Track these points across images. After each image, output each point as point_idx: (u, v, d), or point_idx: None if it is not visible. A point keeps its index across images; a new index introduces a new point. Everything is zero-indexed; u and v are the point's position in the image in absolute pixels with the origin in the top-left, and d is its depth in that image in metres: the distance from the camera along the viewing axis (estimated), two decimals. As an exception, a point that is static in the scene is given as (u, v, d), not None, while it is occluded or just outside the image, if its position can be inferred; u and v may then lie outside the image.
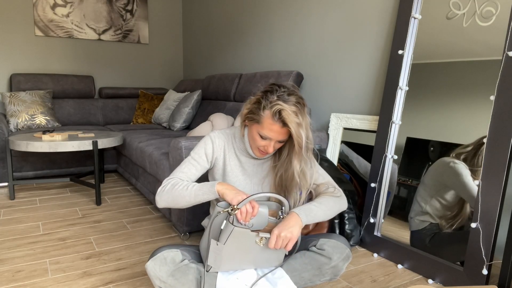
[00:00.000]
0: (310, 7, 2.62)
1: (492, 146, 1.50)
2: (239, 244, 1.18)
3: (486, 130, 1.53)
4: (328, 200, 1.32)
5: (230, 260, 1.20)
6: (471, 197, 1.58)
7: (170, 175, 1.34)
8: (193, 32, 4.29)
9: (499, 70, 1.52)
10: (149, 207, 2.56)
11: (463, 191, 1.61)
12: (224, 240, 1.16)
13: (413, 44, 1.85)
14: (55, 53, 3.85)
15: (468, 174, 1.58)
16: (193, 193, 1.24)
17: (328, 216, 1.30)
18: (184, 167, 1.34)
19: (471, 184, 1.58)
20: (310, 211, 1.25)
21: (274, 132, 1.22)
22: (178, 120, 3.31)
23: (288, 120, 1.18)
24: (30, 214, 2.36)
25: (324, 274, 1.28)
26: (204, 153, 1.35)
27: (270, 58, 3.04)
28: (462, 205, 1.60)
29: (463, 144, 1.62)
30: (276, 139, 1.24)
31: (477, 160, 1.55)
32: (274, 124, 1.21)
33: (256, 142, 1.27)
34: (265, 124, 1.22)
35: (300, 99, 1.23)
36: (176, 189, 1.26)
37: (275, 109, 1.19)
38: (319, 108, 2.58)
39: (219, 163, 1.38)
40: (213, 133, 1.38)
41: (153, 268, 1.20)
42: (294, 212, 1.22)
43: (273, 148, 1.27)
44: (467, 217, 1.57)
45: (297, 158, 1.26)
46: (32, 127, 3.29)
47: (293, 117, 1.18)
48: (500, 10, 1.54)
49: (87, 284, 1.55)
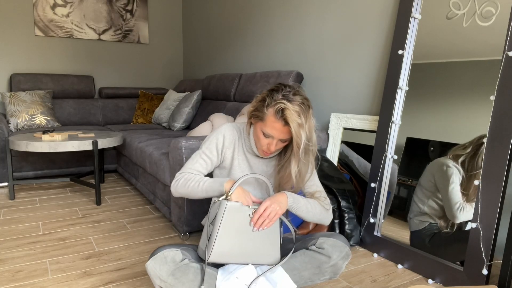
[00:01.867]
0: (310, 7, 2.62)
1: (492, 146, 1.50)
2: (233, 223, 1.22)
3: (486, 130, 1.53)
4: (316, 205, 1.35)
5: (226, 244, 1.22)
6: (448, 206, 1.62)
7: (183, 168, 1.38)
8: (193, 32, 4.29)
9: (499, 70, 1.52)
10: (149, 207, 2.56)
11: (445, 197, 1.64)
12: (219, 219, 1.20)
13: (413, 44, 1.85)
14: (55, 53, 3.85)
15: (457, 181, 1.59)
16: (205, 190, 1.30)
17: (309, 216, 1.33)
18: (195, 162, 1.37)
19: (453, 194, 1.60)
20: (298, 201, 1.30)
21: (276, 130, 1.23)
22: (178, 120, 3.31)
23: (290, 119, 1.19)
24: (30, 214, 2.36)
25: (323, 273, 1.28)
26: (215, 149, 1.38)
27: (270, 58, 3.04)
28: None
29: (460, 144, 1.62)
30: (278, 138, 1.25)
31: (477, 162, 1.55)
32: (277, 122, 1.22)
33: (260, 140, 1.29)
34: (268, 121, 1.23)
35: (305, 100, 1.23)
36: (189, 185, 1.32)
37: (278, 107, 1.20)
38: (319, 108, 2.59)
39: (228, 158, 1.40)
40: (226, 126, 1.40)
41: (153, 267, 1.20)
42: (284, 192, 1.28)
43: (275, 147, 1.27)
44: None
45: (294, 158, 1.27)
46: (32, 127, 3.29)
47: (295, 117, 1.19)
48: (500, 10, 1.54)
49: (87, 284, 1.55)
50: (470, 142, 1.59)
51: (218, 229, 1.21)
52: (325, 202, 1.40)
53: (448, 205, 1.61)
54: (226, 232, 1.21)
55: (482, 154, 1.54)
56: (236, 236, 1.23)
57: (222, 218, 1.20)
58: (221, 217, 1.20)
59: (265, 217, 1.22)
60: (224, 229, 1.21)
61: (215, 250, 1.21)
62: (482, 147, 1.54)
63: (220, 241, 1.21)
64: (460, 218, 1.57)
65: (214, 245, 1.21)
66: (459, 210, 1.58)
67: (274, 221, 1.24)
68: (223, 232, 1.21)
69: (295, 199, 1.29)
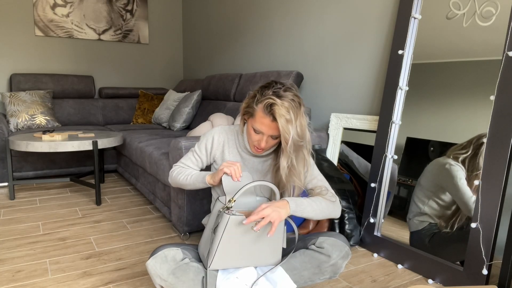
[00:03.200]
0: (310, 7, 2.62)
1: (492, 146, 1.50)
2: (235, 235, 1.20)
3: (486, 130, 1.53)
4: (321, 201, 1.32)
5: (228, 251, 1.21)
6: (463, 202, 1.59)
7: (179, 161, 1.49)
8: (193, 32, 4.29)
9: (499, 70, 1.52)
10: (149, 207, 2.56)
11: (456, 195, 1.61)
12: (221, 231, 1.18)
13: (413, 44, 1.85)
14: (55, 53, 3.85)
15: (463, 177, 1.59)
16: (192, 183, 1.40)
17: (317, 215, 1.30)
18: (188, 159, 1.47)
19: (464, 188, 1.58)
20: (301, 203, 1.26)
21: (265, 126, 1.23)
22: (178, 120, 3.31)
23: (277, 114, 1.18)
24: (30, 214, 2.36)
25: (323, 273, 1.28)
26: (205, 148, 1.44)
27: (270, 58, 3.04)
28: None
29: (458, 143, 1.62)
30: (267, 133, 1.26)
31: (478, 162, 1.55)
32: (265, 117, 1.22)
33: (251, 136, 1.30)
34: (257, 117, 1.24)
35: (296, 97, 1.22)
36: (179, 177, 1.43)
37: (267, 102, 1.20)
38: (319, 108, 2.59)
39: (218, 158, 1.43)
40: (217, 129, 1.44)
41: (154, 266, 1.20)
42: (284, 199, 1.25)
43: (265, 143, 1.27)
44: (465, 216, 1.57)
45: (284, 155, 1.26)
46: (32, 127, 3.29)
47: (283, 112, 1.18)
48: (500, 10, 1.54)
49: (87, 284, 1.55)
50: (469, 142, 1.59)
51: (220, 242, 1.19)
52: (329, 194, 1.36)
53: (463, 201, 1.58)
54: (228, 244, 1.20)
55: (482, 154, 1.53)
56: (237, 247, 1.21)
57: (224, 231, 1.18)
58: (223, 230, 1.18)
59: (258, 216, 1.18)
60: (225, 241, 1.19)
61: (216, 260, 1.20)
62: (482, 147, 1.54)
63: (222, 251, 1.20)
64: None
65: (215, 255, 1.20)
66: (475, 204, 1.55)
67: (275, 227, 1.17)
68: (224, 244, 1.19)
69: (298, 202, 1.26)
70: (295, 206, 1.24)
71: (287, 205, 1.22)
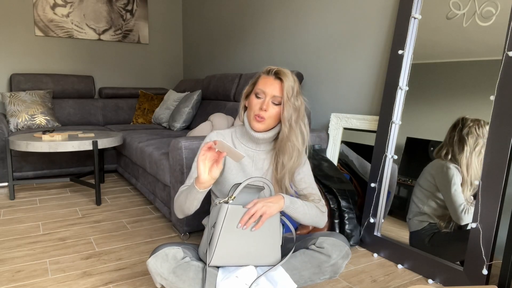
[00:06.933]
0: (310, 7, 2.62)
1: (492, 146, 1.50)
2: (235, 226, 1.22)
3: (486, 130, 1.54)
4: (313, 207, 1.36)
5: (229, 243, 1.22)
6: (453, 209, 1.61)
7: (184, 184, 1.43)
8: (193, 32, 4.29)
9: (499, 70, 1.52)
10: (149, 207, 2.56)
11: (447, 200, 1.63)
12: (220, 222, 1.20)
13: (413, 44, 1.85)
14: (55, 53, 3.85)
15: (458, 182, 1.59)
16: (188, 196, 1.27)
17: (305, 219, 1.33)
18: (189, 177, 1.41)
19: (456, 196, 1.60)
20: (295, 202, 1.30)
21: (268, 84, 1.29)
22: (178, 120, 3.31)
23: (282, 74, 1.28)
24: (30, 214, 2.36)
25: (323, 272, 1.28)
26: None
27: (270, 58, 3.04)
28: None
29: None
30: (270, 93, 1.28)
31: (462, 144, 1.59)
32: (268, 77, 1.30)
33: (253, 107, 1.31)
34: (260, 81, 1.32)
35: (296, 78, 1.32)
36: (179, 200, 1.33)
37: (270, 68, 1.31)
38: (319, 108, 2.59)
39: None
40: (212, 134, 1.43)
41: (155, 264, 1.20)
42: (280, 194, 1.28)
43: (266, 105, 1.28)
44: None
45: (286, 105, 1.28)
46: (32, 127, 3.29)
47: (285, 72, 1.29)
48: (500, 10, 1.54)
49: (87, 284, 1.55)
50: (445, 138, 1.64)
51: (220, 233, 1.20)
52: (321, 204, 1.41)
53: (453, 207, 1.61)
54: (228, 235, 1.21)
55: (464, 135, 1.58)
56: (237, 239, 1.22)
57: (224, 221, 1.20)
58: (222, 221, 1.20)
59: (250, 214, 1.20)
60: (226, 232, 1.21)
61: (217, 253, 1.21)
62: (457, 128, 1.61)
63: (222, 244, 1.21)
64: (465, 220, 1.57)
65: (216, 248, 1.20)
66: (464, 212, 1.57)
67: (263, 221, 1.22)
68: (224, 235, 1.21)
69: (292, 200, 1.29)
70: (289, 203, 1.28)
71: (281, 200, 1.26)
